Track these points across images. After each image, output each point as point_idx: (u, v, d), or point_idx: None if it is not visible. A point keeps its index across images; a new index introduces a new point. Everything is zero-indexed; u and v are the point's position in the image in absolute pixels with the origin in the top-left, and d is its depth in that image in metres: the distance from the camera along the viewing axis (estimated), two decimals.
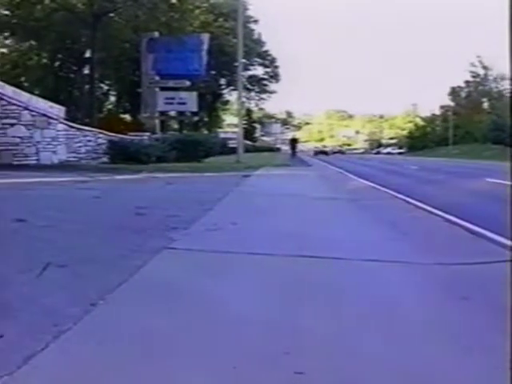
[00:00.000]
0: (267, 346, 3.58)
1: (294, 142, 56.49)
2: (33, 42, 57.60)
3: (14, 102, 21.02)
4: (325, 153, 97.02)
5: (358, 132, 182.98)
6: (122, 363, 3.36)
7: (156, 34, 41.10)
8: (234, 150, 32.83)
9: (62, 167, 19.01)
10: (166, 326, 3.95)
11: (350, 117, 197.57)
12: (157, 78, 39.22)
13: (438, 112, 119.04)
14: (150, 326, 3.93)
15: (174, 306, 4.38)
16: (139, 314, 4.18)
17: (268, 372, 3.22)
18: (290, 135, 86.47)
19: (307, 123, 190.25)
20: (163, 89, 39.11)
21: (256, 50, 77.03)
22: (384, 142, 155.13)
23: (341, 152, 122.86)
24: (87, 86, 56.75)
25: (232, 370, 3.25)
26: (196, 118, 61.58)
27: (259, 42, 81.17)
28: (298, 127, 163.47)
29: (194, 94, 39.02)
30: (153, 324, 3.97)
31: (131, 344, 3.63)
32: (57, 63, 62.32)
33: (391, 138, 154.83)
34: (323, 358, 3.41)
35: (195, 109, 40.14)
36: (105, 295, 4.52)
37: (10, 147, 20.44)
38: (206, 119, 79.03)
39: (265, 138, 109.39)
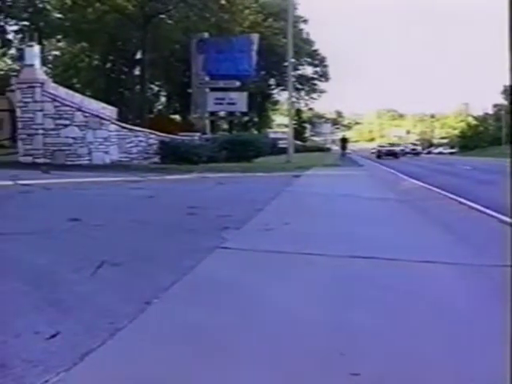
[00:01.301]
0: (322, 347, 3.55)
1: (343, 141, 56.25)
2: (84, 44, 58.41)
3: (68, 103, 21.34)
4: (393, 154, 61.39)
5: (408, 132, 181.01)
6: (176, 361, 3.37)
7: (206, 34, 41.26)
8: (283, 150, 32.76)
9: (114, 167, 19.23)
10: (219, 324, 3.95)
11: (401, 116, 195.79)
12: (207, 78, 39.37)
13: (490, 111, 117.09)
14: (204, 325, 3.93)
15: (228, 306, 4.38)
16: (193, 313, 4.18)
17: (323, 373, 3.19)
18: (339, 135, 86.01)
19: (357, 123, 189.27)
20: (213, 89, 39.23)
21: (305, 50, 76.84)
22: (435, 141, 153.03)
23: (415, 153, 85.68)
24: (138, 87, 57.35)
25: (286, 371, 3.23)
26: (246, 119, 61.80)
27: (308, 42, 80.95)
28: (348, 127, 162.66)
29: (244, 94, 39.07)
30: (207, 323, 3.97)
31: (186, 343, 3.64)
32: (108, 65, 63.10)
33: (442, 138, 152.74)
34: (379, 359, 3.36)
35: (245, 109, 40.18)
36: (159, 294, 4.54)
37: (63, 147, 20.76)
38: (255, 119, 79.13)
39: (315, 138, 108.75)
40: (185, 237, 7.09)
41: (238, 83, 38.44)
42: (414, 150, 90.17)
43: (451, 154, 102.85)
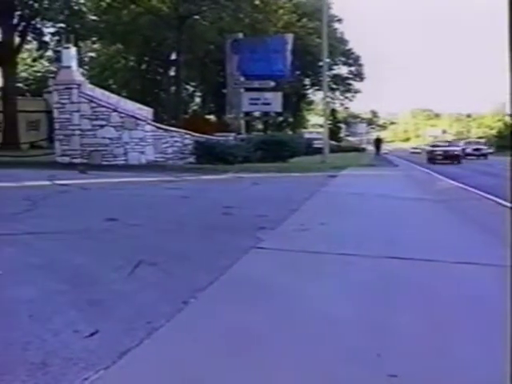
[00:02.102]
0: (358, 347, 3.55)
1: (378, 142, 56.03)
2: (120, 46, 58.83)
3: (104, 103, 21.52)
4: (453, 157, 41.32)
5: (444, 131, 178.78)
6: (213, 361, 3.39)
7: (240, 35, 41.29)
8: (319, 151, 32.69)
9: (150, 167, 19.35)
10: (256, 324, 3.96)
11: (437, 116, 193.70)
12: (241, 78, 39.39)
13: None
14: (241, 325, 3.95)
15: (265, 305, 4.39)
16: (230, 313, 4.20)
17: (360, 374, 3.18)
18: (375, 135, 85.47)
19: (392, 123, 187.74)
20: (248, 89, 39.24)
21: (340, 49, 76.47)
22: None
23: (481, 154, 56.24)
24: (173, 88, 57.60)
25: (323, 371, 3.22)
26: (280, 119, 61.79)
27: (342, 41, 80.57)
28: (383, 127, 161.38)
29: (279, 94, 39.01)
30: (244, 322, 3.99)
31: (223, 342, 3.65)
32: (143, 66, 63.47)
33: (479, 138, 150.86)
34: (416, 361, 3.34)
35: (280, 109, 40.12)
36: (196, 293, 4.56)
37: (99, 148, 20.95)
38: (290, 119, 79.01)
39: (350, 138, 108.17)
40: (220, 237, 7.11)
41: (272, 83, 38.40)
42: (478, 149, 57.54)
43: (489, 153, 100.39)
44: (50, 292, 4.69)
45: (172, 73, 60.08)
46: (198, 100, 77.05)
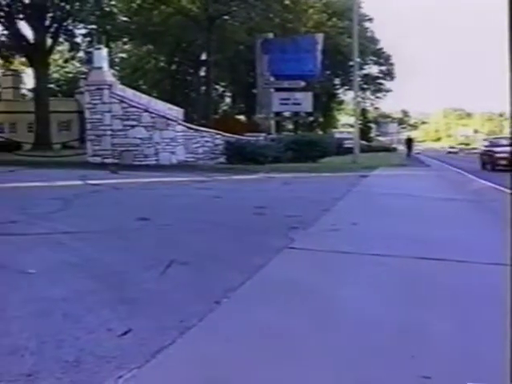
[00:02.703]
0: (392, 348, 3.51)
1: (409, 142, 55.63)
2: (150, 47, 59.23)
3: (135, 104, 21.65)
4: None
5: (476, 131, 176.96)
6: (245, 361, 3.38)
7: (270, 35, 41.28)
8: (349, 150, 32.56)
9: (181, 167, 19.41)
10: (289, 324, 3.95)
11: (468, 115, 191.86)
12: (272, 78, 39.35)
13: None
14: (273, 325, 3.93)
15: (297, 305, 4.37)
16: (262, 313, 4.18)
17: (393, 375, 3.16)
18: (406, 135, 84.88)
19: (423, 122, 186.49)
20: (278, 89, 39.20)
21: (370, 49, 76.13)
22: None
23: None
24: (203, 88, 57.84)
25: (357, 371, 3.20)
26: (311, 119, 61.59)
27: (373, 40, 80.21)
28: (414, 126, 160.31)
29: (309, 94, 38.90)
30: (276, 323, 3.97)
31: (255, 342, 3.64)
32: (173, 66, 63.77)
33: None
34: (450, 363, 3.30)
35: (310, 109, 39.99)
36: (228, 293, 4.56)
37: (130, 148, 21.08)
38: (320, 119, 78.87)
39: (380, 138, 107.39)
40: (252, 237, 7.10)
41: (302, 83, 38.31)
42: None
43: None
44: (83, 291, 4.72)
45: (202, 73, 60.36)
46: (227, 100, 77.29)
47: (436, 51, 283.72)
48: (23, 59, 49.45)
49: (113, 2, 44.39)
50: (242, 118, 64.97)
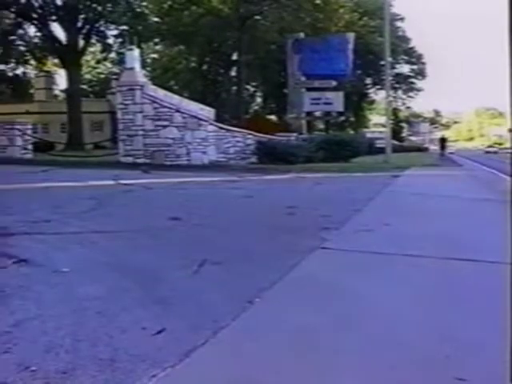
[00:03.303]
0: (425, 349, 3.49)
1: (442, 141, 55.24)
2: (181, 47, 59.44)
3: (166, 104, 21.74)
4: None
5: (510, 130, 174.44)
6: (278, 360, 3.37)
7: (301, 34, 41.23)
8: (381, 150, 32.32)
9: (212, 167, 19.47)
10: (321, 324, 3.94)
11: (501, 114, 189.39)
12: (303, 78, 39.33)
13: None
14: (306, 325, 3.92)
15: (329, 305, 4.36)
16: (295, 313, 4.18)
17: (427, 376, 3.13)
18: (438, 135, 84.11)
19: (456, 122, 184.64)
20: (309, 89, 39.16)
21: (402, 48, 75.63)
22: None
23: None
24: (234, 88, 57.95)
25: (390, 372, 3.18)
26: (342, 118, 61.47)
27: (405, 39, 79.67)
28: (447, 126, 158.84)
29: (341, 93, 38.83)
30: (309, 322, 3.96)
31: (288, 342, 3.64)
32: (205, 66, 63.93)
33: None
34: (486, 366, 3.26)
35: (341, 109, 39.92)
36: (260, 293, 4.56)
37: (162, 148, 21.17)
38: (351, 119, 78.57)
39: (412, 138, 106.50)
40: (284, 237, 7.09)
41: (334, 83, 38.25)
42: None
43: None
44: (117, 289, 4.75)
45: (233, 73, 60.48)
46: (258, 100, 77.30)
47: (468, 50, 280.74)
48: (56, 60, 49.91)
49: (144, 3, 44.55)
50: (272, 117, 65.01)
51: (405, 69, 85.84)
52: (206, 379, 3.17)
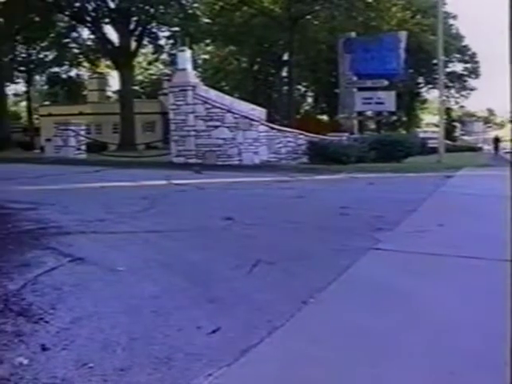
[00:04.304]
0: (484, 353, 3.42)
1: (496, 141, 54.42)
2: (232, 48, 59.65)
3: (218, 105, 21.82)
4: None
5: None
6: (333, 361, 3.36)
7: (353, 34, 41.04)
8: (433, 150, 31.91)
9: (264, 167, 19.45)
10: (376, 325, 3.91)
11: None
12: (354, 78, 39.20)
13: None
14: (360, 326, 3.90)
15: (384, 306, 4.32)
16: (350, 313, 4.15)
17: (487, 380, 3.08)
18: (491, 134, 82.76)
19: (511, 121, 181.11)
20: (361, 89, 39.00)
21: (455, 46, 74.53)
22: None
23: None
24: (285, 88, 57.89)
25: (449, 376, 3.13)
26: (394, 118, 60.86)
27: (458, 37, 78.49)
28: (501, 125, 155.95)
29: (392, 93, 38.57)
30: (363, 323, 3.94)
31: (343, 343, 3.62)
32: (255, 67, 64.04)
33: None
34: None
35: (393, 108, 39.65)
36: (315, 293, 4.54)
37: (214, 148, 21.25)
38: (403, 119, 77.73)
39: (465, 137, 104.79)
40: (337, 237, 7.05)
41: (386, 82, 38.00)
42: None
43: None
44: (171, 288, 4.79)
45: (284, 73, 60.41)
46: (309, 100, 77.13)
47: None
48: (109, 62, 50.63)
49: (196, 5, 44.84)
50: (324, 117, 64.83)
51: (458, 67, 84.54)
52: (261, 379, 3.17)
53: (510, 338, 2.92)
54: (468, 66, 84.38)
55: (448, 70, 75.95)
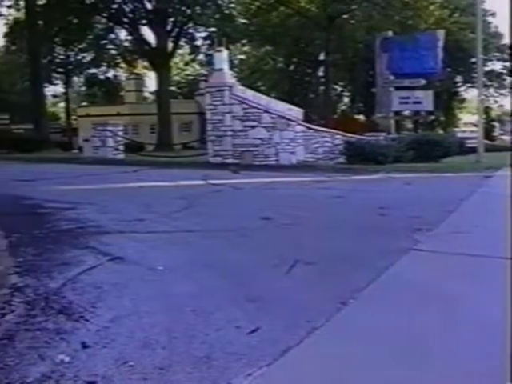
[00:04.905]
0: None
1: None
2: (269, 48, 59.65)
3: (255, 105, 21.81)
4: None
5: None
6: (373, 362, 3.34)
7: (390, 33, 40.76)
8: (471, 150, 31.49)
9: (301, 167, 19.40)
10: (416, 327, 3.88)
11: None
12: (391, 77, 38.94)
13: None
14: (401, 327, 3.87)
15: (424, 308, 4.27)
16: (390, 315, 4.12)
17: None
18: None
19: None
20: (398, 88, 38.72)
21: (494, 44, 73.60)
22: None
23: None
24: (322, 88, 57.74)
25: (490, 379, 3.10)
26: (431, 118, 60.32)
27: (497, 35, 77.50)
28: None
29: (430, 92, 38.22)
30: (404, 325, 3.91)
31: (383, 344, 3.59)
32: (292, 67, 63.96)
33: None
34: None
35: (431, 108, 39.27)
36: (354, 294, 4.52)
37: (250, 148, 21.24)
38: (441, 118, 76.98)
39: (504, 137, 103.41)
40: (376, 237, 7.00)
41: (423, 81, 37.67)
42: None
43: None
44: (210, 288, 4.81)
45: (320, 73, 60.26)
46: (346, 100, 76.82)
47: None
48: (146, 63, 50.96)
49: (232, 5, 44.94)
50: (360, 117, 64.53)
51: (497, 66, 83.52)
52: (301, 379, 3.17)
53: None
54: (507, 64, 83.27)
55: (487, 68, 75.07)
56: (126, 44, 47.84)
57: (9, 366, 3.31)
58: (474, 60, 41.25)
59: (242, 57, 67.86)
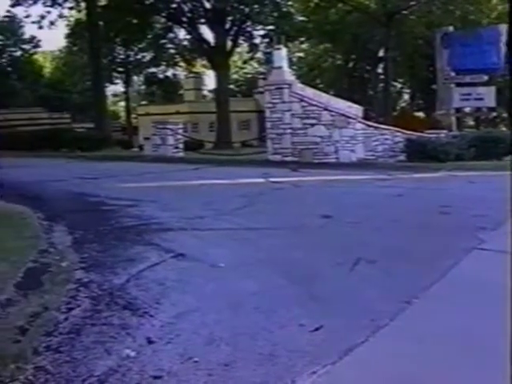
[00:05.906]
0: None
1: None
2: (327, 45, 59.32)
3: (314, 102, 21.70)
4: None
5: None
6: (438, 362, 3.30)
7: (450, 28, 40.06)
8: None
9: (360, 165, 19.25)
10: (481, 327, 3.80)
11: None
12: (452, 73, 38.22)
13: None
14: (465, 327, 3.81)
15: (489, 308, 4.18)
16: (454, 314, 4.06)
17: None
18: None
19: None
20: (459, 84, 38.02)
21: None
22: None
23: None
24: (381, 85, 57.20)
25: None
26: (493, 114, 59.19)
27: None
28: None
29: (492, 88, 37.36)
30: (468, 324, 3.84)
31: (447, 344, 3.54)
32: (350, 64, 63.47)
33: None
34: None
35: (493, 104, 38.40)
36: (418, 293, 4.47)
37: (310, 146, 21.14)
38: (504, 115, 75.45)
39: None
40: (439, 236, 6.90)
41: (485, 77, 36.91)
42: None
43: None
44: (272, 286, 4.81)
45: (380, 70, 59.67)
46: (406, 97, 75.91)
47: None
48: (204, 62, 51.25)
49: (290, 3, 44.84)
50: (420, 114, 63.69)
51: None
52: (365, 378, 3.15)
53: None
54: None
55: None
56: (185, 43, 48.11)
57: (76, 359, 3.38)
58: None
59: (301, 54, 67.64)
